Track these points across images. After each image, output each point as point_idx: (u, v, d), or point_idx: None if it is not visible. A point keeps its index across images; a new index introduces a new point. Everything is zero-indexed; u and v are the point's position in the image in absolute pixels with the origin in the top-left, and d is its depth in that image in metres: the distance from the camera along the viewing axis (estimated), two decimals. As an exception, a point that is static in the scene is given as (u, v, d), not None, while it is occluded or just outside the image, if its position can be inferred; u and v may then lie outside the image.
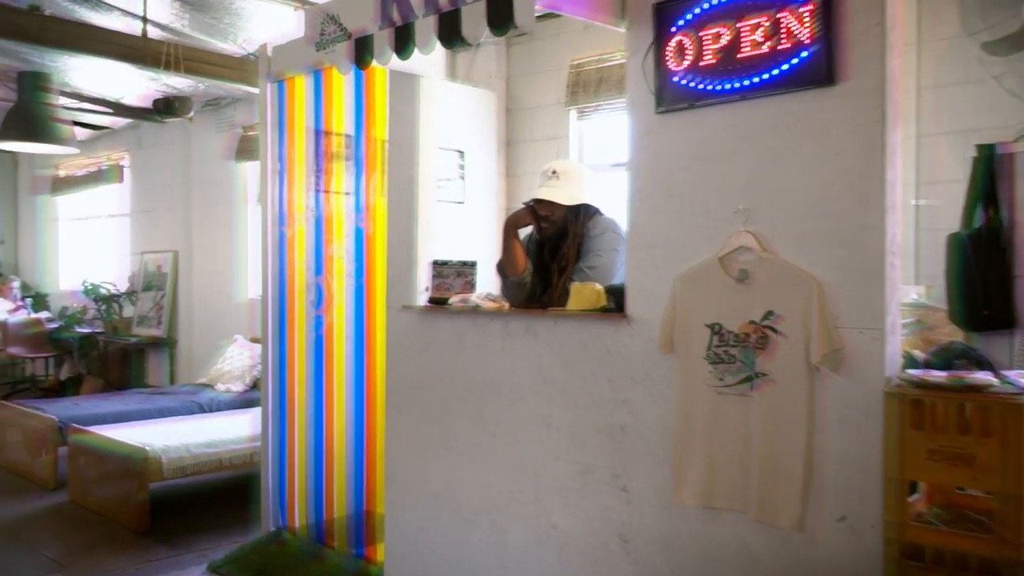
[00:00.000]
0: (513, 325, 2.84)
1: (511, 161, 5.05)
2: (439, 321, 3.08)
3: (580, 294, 2.65)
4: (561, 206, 2.91)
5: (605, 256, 2.85)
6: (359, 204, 3.58)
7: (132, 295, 8.12)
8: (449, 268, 3.17)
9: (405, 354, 3.22)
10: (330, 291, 3.63)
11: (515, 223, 2.98)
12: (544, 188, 2.91)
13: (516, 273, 2.94)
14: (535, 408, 2.78)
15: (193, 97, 7.26)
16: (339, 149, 3.83)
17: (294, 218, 3.82)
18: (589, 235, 2.89)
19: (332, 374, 3.59)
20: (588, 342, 2.63)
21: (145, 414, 5.38)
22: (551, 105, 4.85)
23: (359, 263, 3.51)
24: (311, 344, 3.68)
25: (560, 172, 2.92)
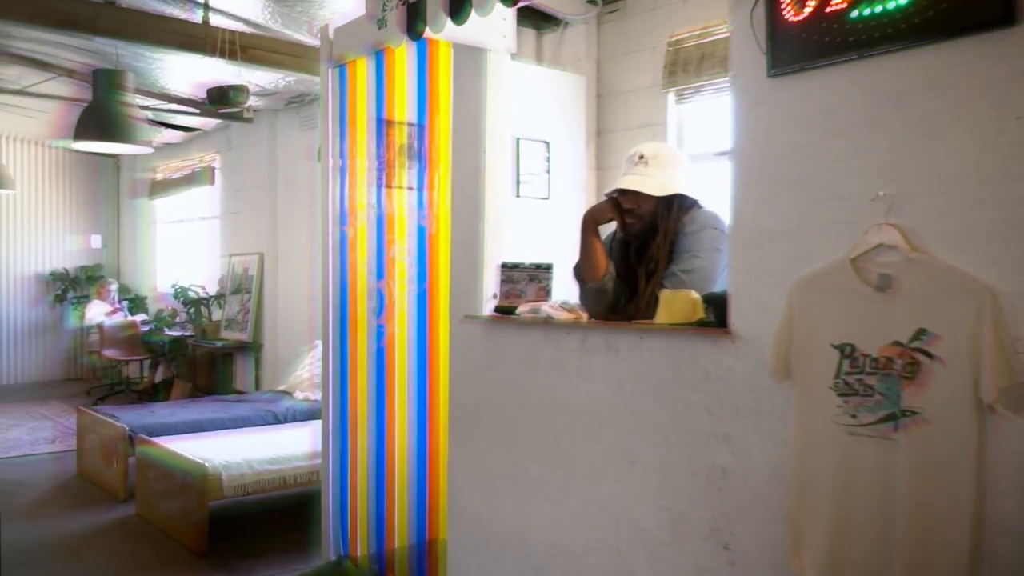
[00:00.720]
0: (591, 340, 2.37)
1: (601, 152, 4.57)
2: (506, 334, 2.65)
3: (672, 304, 2.16)
4: (650, 197, 2.42)
5: (703, 257, 2.35)
6: (422, 200, 3.18)
7: (220, 298, 8.01)
8: (520, 272, 2.73)
9: (468, 371, 2.80)
10: (392, 298, 3.24)
11: (595, 218, 2.51)
12: (630, 176, 2.43)
13: (595, 278, 2.47)
14: (617, 441, 2.31)
15: (276, 94, 7.08)
16: (402, 140, 3.44)
17: (356, 216, 3.46)
18: (684, 232, 2.39)
19: (393, 391, 3.20)
20: (681, 363, 2.14)
21: (218, 424, 5.14)
22: (646, 88, 4.34)
23: (421, 266, 3.11)
24: (372, 357, 3.30)
25: (649, 157, 2.43)
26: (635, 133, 4.40)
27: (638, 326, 2.26)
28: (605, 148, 4.55)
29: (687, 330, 2.11)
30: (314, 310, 6.60)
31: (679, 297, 2.15)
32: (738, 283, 2.02)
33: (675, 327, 2.14)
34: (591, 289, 2.47)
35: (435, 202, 3.14)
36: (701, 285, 2.32)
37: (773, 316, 1.90)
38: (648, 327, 2.22)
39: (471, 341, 2.78)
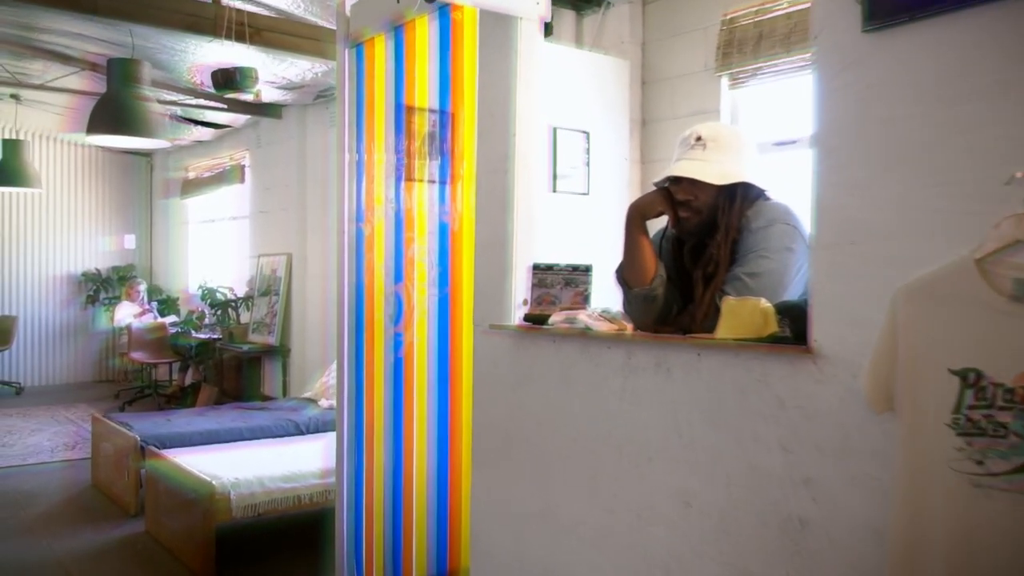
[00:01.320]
0: (638, 356, 1.99)
1: (646, 144, 4.18)
2: (538, 347, 2.27)
3: (737, 314, 1.77)
4: (709, 187, 2.03)
5: (773, 258, 1.95)
6: (444, 194, 2.82)
7: (248, 300, 7.76)
8: (555, 274, 2.36)
9: (494, 390, 2.43)
10: (410, 303, 2.88)
11: (643, 212, 2.12)
12: (684, 161, 2.04)
13: (643, 282, 2.08)
14: (669, 478, 1.93)
15: (304, 88, 6.80)
16: (424, 128, 3.08)
17: (373, 212, 3.11)
18: (749, 228, 2.00)
19: (412, 409, 2.84)
20: (749, 387, 1.75)
21: (235, 434, 4.84)
22: (697, 73, 3.94)
23: (443, 268, 2.75)
24: (389, 370, 2.95)
25: (708, 139, 2.04)
26: (683, 122, 4.00)
27: (695, 340, 1.87)
28: (650, 139, 4.16)
29: (757, 347, 1.72)
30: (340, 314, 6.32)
31: (746, 306, 1.76)
32: (822, 289, 1.63)
33: (741, 343, 1.75)
34: (637, 295, 2.09)
35: (459, 197, 2.78)
36: (771, 291, 1.93)
37: (869, 331, 1.50)
38: (707, 342, 1.83)
39: (497, 354, 2.41)
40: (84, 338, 9.97)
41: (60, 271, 9.96)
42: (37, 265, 9.81)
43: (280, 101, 7.31)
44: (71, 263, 10.02)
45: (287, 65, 6.11)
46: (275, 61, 6.04)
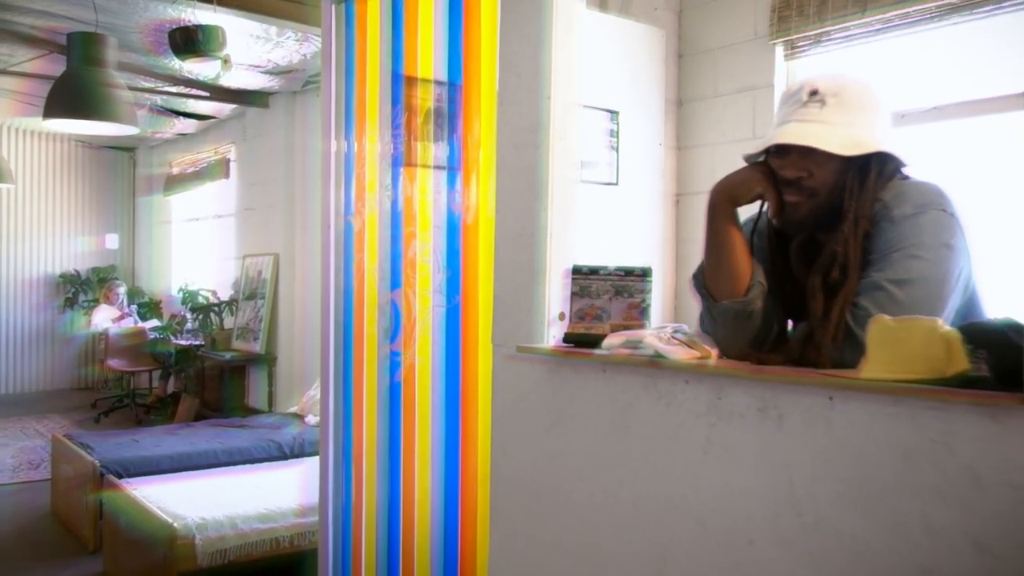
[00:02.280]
0: (733, 396, 1.42)
1: (683, 127, 3.60)
2: (582, 377, 1.70)
3: (898, 341, 1.20)
4: (831, 160, 1.45)
5: (929, 259, 1.38)
6: (454, 180, 2.24)
7: (232, 304, 7.17)
8: (601, 280, 1.78)
9: (520, 432, 1.85)
10: (410, 315, 2.30)
11: (733, 196, 1.54)
12: (795, 124, 1.46)
13: (734, 293, 1.50)
14: (779, 571, 1.35)
15: (292, 72, 6.21)
16: (428, 103, 2.51)
17: (364, 203, 2.54)
18: (890, 216, 1.42)
19: (412, 448, 2.27)
20: (919, 451, 1.18)
21: (210, 458, 4.26)
22: (745, 42, 3.37)
23: (453, 272, 2.17)
24: (384, 397, 2.37)
25: (827, 92, 1.46)
26: (728, 101, 3.43)
27: (827, 378, 1.29)
28: (688, 121, 3.58)
29: (935, 392, 1.15)
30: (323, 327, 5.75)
31: (914, 330, 1.19)
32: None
33: (906, 385, 1.18)
34: (727, 311, 1.51)
35: (473, 182, 2.20)
36: (926, 305, 1.36)
37: None
38: (847, 381, 1.26)
39: (525, 386, 1.83)
40: (61, 344, 9.37)
41: (36, 273, 9.36)
42: (11, 266, 9.21)
43: (266, 88, 6.73)
44: (48, 264, 9.42)
45: (272, 46, 5.54)
46: (258, 42, 5.47)
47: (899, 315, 1.33)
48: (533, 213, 1.86)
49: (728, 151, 3.39)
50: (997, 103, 2.71)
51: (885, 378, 1.20)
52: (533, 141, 1.86)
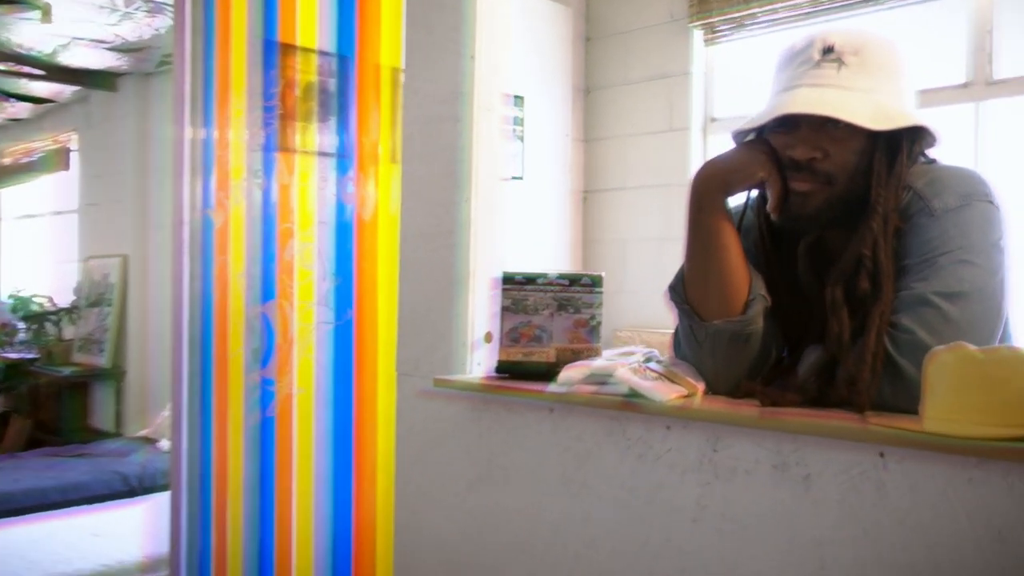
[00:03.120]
0: (734, 450, 1.07)
1: (591, 118, 3.28)
2: (521, 419, 1.31)
3: (984, 376, 0.87)
4: (853, 136, 1.12)
5: (982, 264, 1.07)
6: (345, 166, 1.81)
7: (72, 312, 6.36)
8: (540, 292, 1.41)
9: (434, 488, 1.44)
10: (287, 333, 1.85)
11: (725, 183, 1.17)
12: (806, 89, 1.12)
13: (730, 308, 1.15)
14: None
15: (144, 50, 5.54)
16: (310, 76, 2.06)
17: (228, 193, 2.06)
18: (929, 209, 1.10)
19: (289, 504, 1.80)
20: (1016, 531, 0.85)
21: (37, 497, 3.61)
22: (660, 25, 3.08)
23: (344, 279, 1.73)
24: (252, 436, 1.90)
25: (846, 50, 1.13)
26: (640, 90, 3.13)
27: (877, 428, 0.95)
28: (596, 111, 3.26)
29: (1055, 456, 0.82)
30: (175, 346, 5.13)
31: (1018, 365, 0.86)
32: None
33: (1001, 444, 0.85)
34: (719, 333, 1.15)
35: (371, 172, 1.77)
36: (987, 325, 1.05)
37: None
38: (908, 433, 0.92)
39: (442, 428, 1.43)
40: None
41: None
42: None
43: (114, 68, 5.99)
44: None
45: (118, 18, 4.87)
46: (102, 13, 4.79)
47: (954, 337, 1.01)
48: (451, 206, 1.45)
49: (641, 144, 3.09)
50: (933, 95, 2.51)
51: (969, 434, 0.87)
52: (452, 114, 1.45)
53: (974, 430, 0.87)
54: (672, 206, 3.00)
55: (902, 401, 1.04)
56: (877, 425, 0.96)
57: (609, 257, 3.15)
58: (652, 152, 3.06)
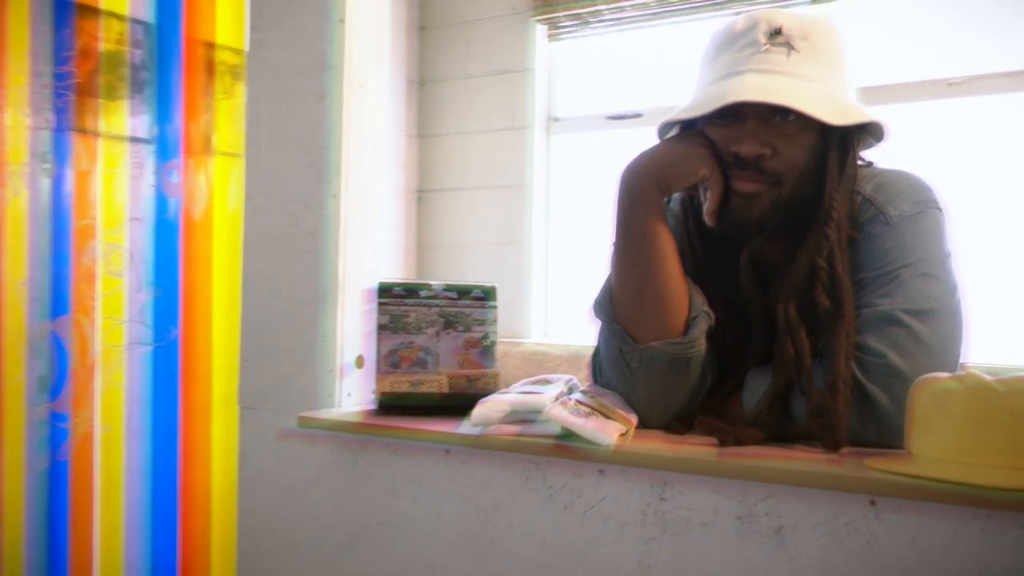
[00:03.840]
0: (687, 498, 0.90)
1: (426, 112, 3.06)
2: (410, 465, 1.07)
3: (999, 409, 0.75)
4: (805, 131, 0.98)
5: (943, 278, 0.97)
6: (167, 151, 1.48)
7: None
8: (424, 307, 1.19)
9: (292, 552, 1.17)
10: (86, 357, 1.48)
11: (663, 181, 0.99)
12: (752, 75, 0.97)
13: (669, 328, 0.98)
14: None
15: None
16: (115, 45, 1.70)
17: (3, 182, 1.64)
18: (885, 217, 0.98)
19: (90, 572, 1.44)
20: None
21: None
22: (500, 17, 2.91)
23: (167, 288, 1.40)
24: (36, 485, 1.51)
25: (795, 34, 0.99)
26: (479, 84, 2.95)
27: (870, 473, 0.81)
28: (432, 106, 3.04)
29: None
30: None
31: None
32: None
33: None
34: (657, 357, 0.98)
35: (203, 160, 1.45)
36: (953, 345, 0.95)
37: None
38: (915, 480, 0.78)
39: (303, 477, 1.16)
40: None
41: None
42: None
43: None
44: None
45: None
46: None
47: (926, 361, 0.91)
48: (315, 202, 1.19)
49: (480, 142, 2.91)
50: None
51: (990, 482, 0.74)
52: (316, 89, 1.19)
53: (996, 475, 0.74)
54: (514, 208, 2.84)
55: (871, 434, 0.92)
56: (874, 468, 0.82)
57: (446, 262, 2.95)
58: (492, 151, 2.89)
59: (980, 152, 2.25)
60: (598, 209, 2.84)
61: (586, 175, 2.85)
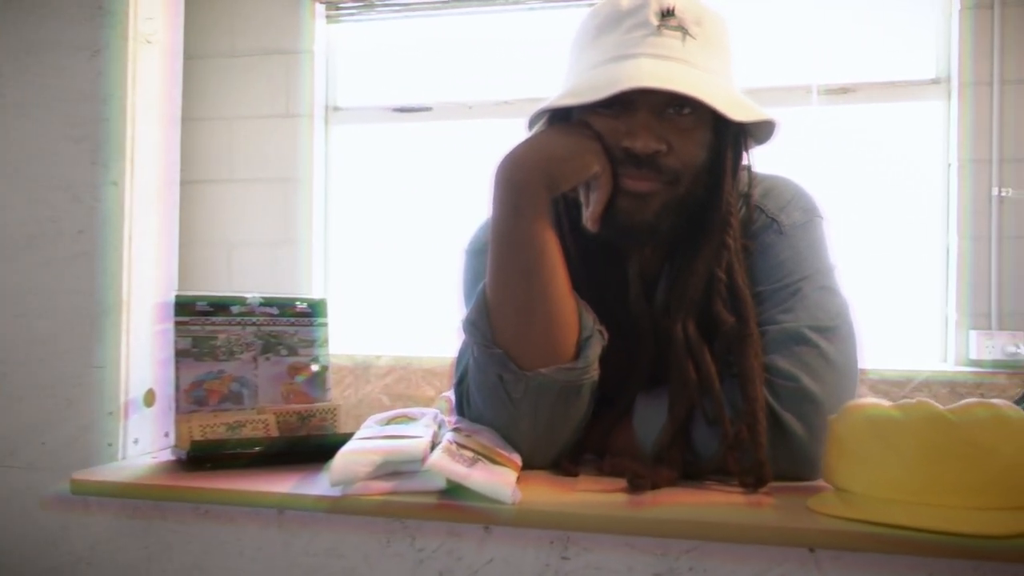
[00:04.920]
0: (593, 556, 0.76)
1: (191, 92, 2.67)
2: (228, 533, 0.84)
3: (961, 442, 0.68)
4: (699, 127, 0.87)
5: (837, 289, 0.90)
6: None
7: None
8: (236, 326, 0.95)
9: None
10: None
11: (551, 178, 0.84)
12: (646, 60, 0.83)
13: (558, 352, 0.83)
14: None
15: None
16: None
17: None
18: (778, 225, 0.90)
19: None
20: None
21: None
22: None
23: None
24: None
25: (689, 18, 0.87)
26: (251, 64, 2.64)
27: (810, 518, 0.71)
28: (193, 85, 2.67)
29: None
30: None
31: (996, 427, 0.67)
32: None
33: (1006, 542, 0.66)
34: (547, 386, 0.82)
35: None
36: (855, 364, 0.88)
37: None
38: (862, 521, 0.69)
39: (81, 557, 0.87)
40: None
41: None
42: None
43: None
44: None
45: None
46: None
47: (835, 382, 0.84)
48: (88, 190, 0.90)
49: (251, 129, 2.60)
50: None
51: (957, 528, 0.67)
52: (87, 40, 0.90)
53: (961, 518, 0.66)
54: (290, 204, 2.57)
55: (783, 464, 0.83)
56: (813, 511, 0.72)
57: (211, 263, 2.60)
58: (264, 139, 2.59)
59: (845, 160, 2.31)
60: (383, 207, 2.64)
61: (370, 170, 2.65)
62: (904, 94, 2.28)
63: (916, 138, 2.27)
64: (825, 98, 2.29)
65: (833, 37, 2.31)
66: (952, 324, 2.19)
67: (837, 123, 2.29)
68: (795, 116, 2.23)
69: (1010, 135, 2.13)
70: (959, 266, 2.17)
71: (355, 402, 2.41)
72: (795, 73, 2.31)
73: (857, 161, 2.31)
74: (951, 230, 2.20)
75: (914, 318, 2.26)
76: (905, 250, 2.27)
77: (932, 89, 2.25)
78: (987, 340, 2.10)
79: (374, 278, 2.64)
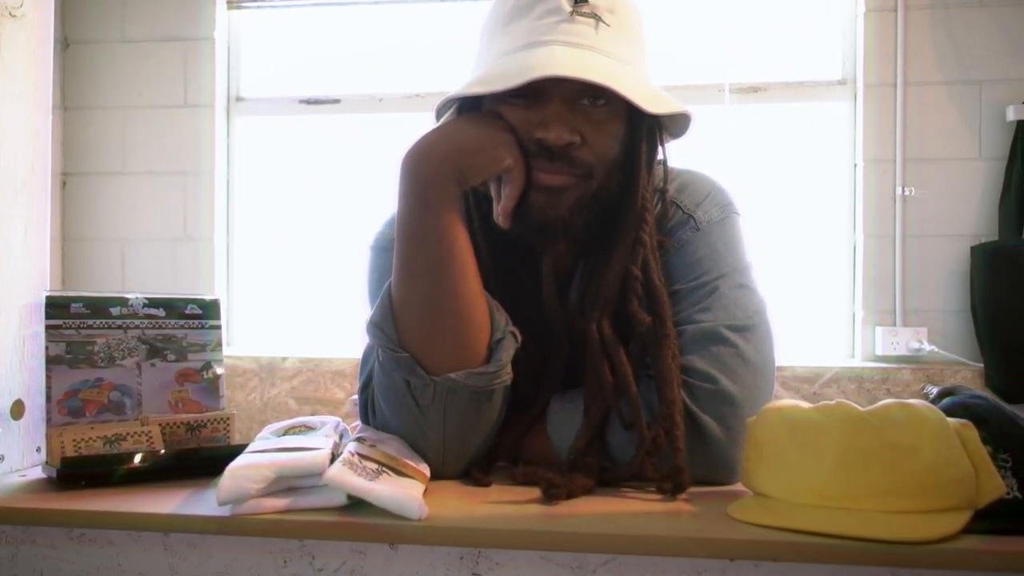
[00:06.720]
0: (507, 572, 0.71)
1: (73, 79, 2.53)
2: (105, 565, 0.75)
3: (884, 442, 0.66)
4: (614, 119, 0.83)
5: (756, 289, 0.88)
6: None
7: None
8: (118, 330, 0.86)
9: None
10: None
11: (461, 171, 0.78)
12: (560, 48, 0.79)
13: (469, 355, 0.79)
14: None
15: None
16: None
17: None
18: (694, 221, 0.87)
19: None
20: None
21: None
22: (172, -26, 2.48)
23: None
24: None
25: (601, 5, 0.83)
26: (144, 51, 2.51)
27: (747, 523, 0.68)
28: (80, 72, 2.53)
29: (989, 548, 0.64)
30: None
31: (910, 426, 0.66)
32: None
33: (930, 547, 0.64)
34: (458, 391, 0.77)
35: None
36: (772, 364, 0.86)
37: None
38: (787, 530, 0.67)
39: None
40: None
41: None
42: None
43: None
44: None
45: None
46: None
47: (753, 383, 0.82)
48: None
49: (146, 120, 2.47)
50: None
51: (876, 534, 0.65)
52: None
53: (884, 523, 0.64)
54: (190, 199, 2.44)
55: (700, 468, 0.80)
56: (734, 519, 0.69)
57: (101, 261, 2.46)
58: (160, 130, 2.45)
59: (756, 159, 2.32)
60: (289, 202, 2.54)
61: (276, 164, 2.54)
62: (812, 94, 2.32)
63: (823, 138, 2.31)
64: (736, 97, 2.31)
65: (744, 36, 2.33)
66: (859, 321, 2.24)
67: (748, 122, 2.31)
68: (707, 114, 2.23)
69: (913, 135, 2.18)
70: (865, 264, 2.21)
71: (260, 406, 2.31)
72: (707, 71, 2.31)
73: (767, 160, 2.33)
74: (857, 228, 2.25)
75: (822, 315, 2.30)
76: (813, 248, 2.31)
77: (838, 90, 2.30)
78: (892, 336, 2.15)
79: (280, 276, 2.54)
